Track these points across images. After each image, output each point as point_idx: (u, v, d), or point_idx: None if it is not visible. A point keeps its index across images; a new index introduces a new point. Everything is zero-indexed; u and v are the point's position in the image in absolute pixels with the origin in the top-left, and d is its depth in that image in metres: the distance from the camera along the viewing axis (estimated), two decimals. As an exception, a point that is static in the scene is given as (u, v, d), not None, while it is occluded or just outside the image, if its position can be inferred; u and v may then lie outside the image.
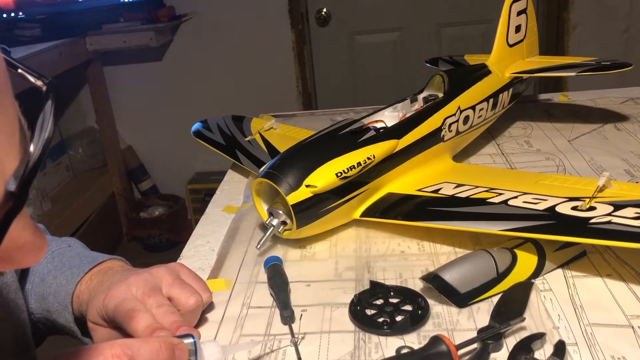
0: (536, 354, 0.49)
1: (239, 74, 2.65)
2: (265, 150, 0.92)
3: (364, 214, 0.73)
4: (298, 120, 1.19)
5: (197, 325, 0.58)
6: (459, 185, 0.72)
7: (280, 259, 0.67)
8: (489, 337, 0.50)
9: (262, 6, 2.54)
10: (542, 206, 0.63)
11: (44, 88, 0.30)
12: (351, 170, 0.69)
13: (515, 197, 0.66)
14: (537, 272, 0.60)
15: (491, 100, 0.89)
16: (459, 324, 0.55)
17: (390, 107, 0.83)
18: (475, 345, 0.50)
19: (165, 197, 2.75)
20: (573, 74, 0.96)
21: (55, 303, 0.61)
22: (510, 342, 0.51)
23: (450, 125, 0.82)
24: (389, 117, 0.82)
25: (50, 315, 0.62)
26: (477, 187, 0.71)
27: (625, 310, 0.54)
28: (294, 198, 0.66)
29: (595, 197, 0.62)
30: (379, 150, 0.72)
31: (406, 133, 0.76)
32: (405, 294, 0.59)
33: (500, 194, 0.67)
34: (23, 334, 0.61)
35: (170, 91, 2.72)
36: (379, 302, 0.58)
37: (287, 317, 0.56)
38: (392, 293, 0.59)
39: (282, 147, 0.86)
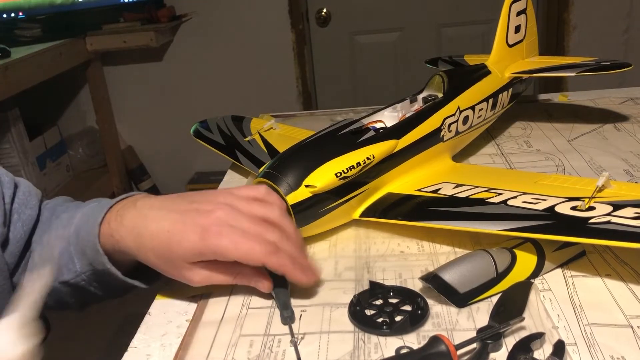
0: (535, 354, 0.49)
1: (239, 74, 2.65)
2: (265, 150, 0.92)
3: (363, 214, 0.73)
4: (298, 120, 1.19)
5: (199, 325, 0.58)
6: (458, 185, 0.72)
7: None
8: (489, 337, 0.50)
9: (262, 6, 2.55)
10: (541, 206, 0.63)
11: None
12: (351, 170, 0.69)
13: (515, 197, 0.66)
14: (537, 272, 0.60)
15: (491, 101, 0.89)
16: (458, 324, 0.55)
17: (390, 107, 0.84)
18: (474, 345, 0.50)
19: (165, 197, 2.74)
20: (573, 74, 0.96)
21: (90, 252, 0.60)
22: (509, 342, 0.51)
23: (449, 125, 0.82)
24: (388, 117, 0.82)
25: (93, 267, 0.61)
26: (476, 187, 0.71)
27: (625, 310, 0.54)
28: (293, 198, 0.66)
29: (594, 197, 0.62)
30: (378, 150, 0.72)
31: (406, 133, 0.76)
32: (405, 294, 0.59)
33: (499, 194, 0.67)
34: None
35: (170, 91, 2.72)
36: (379, 302, 0.58)
37: (287, 317, 0.57)
38: (391, 293, 0.59)
39: (281, 147, 0.86)
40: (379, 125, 0.80)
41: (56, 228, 0.64)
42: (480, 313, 0.56)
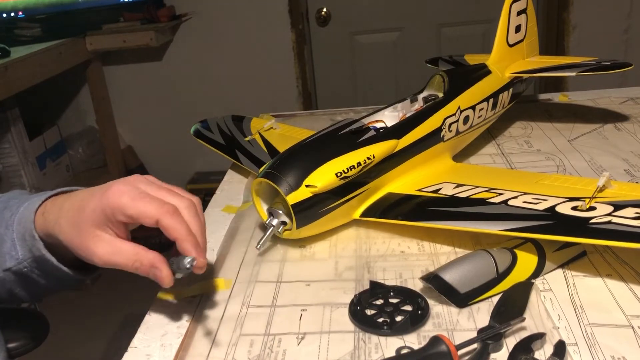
0: (536, 354, 0.49)
1: (239, 74, 2.65)
2: (265, 150, 0.92)
3: (364, 214, 0.73)
4: (298, 120, 1.19)
5: (199, 325, 0.58)
6: (459, 185, 0.72)
7: None
8: (489, 337, 0.50)
9: (262, 6, 2.54)
10: (542, 206, 0.63)
11: None
12: (351, 170, 0.69)
13: (515, 197, 0.66)
14: (537, 272, 0.60)
15: (491, 100, 0.89)
16: (459, 324, 0.55)
17: (390, 107, 0.83)
18: (475, 345, 0.50)
19: (165, 197, 2.74)
20: (573, 74, 0.96)
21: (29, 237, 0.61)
22: (510, 342, 0.51)
23: (450, 125, 0.82)
24: (389, 117, 0.82)
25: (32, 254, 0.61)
26: (477, 187, 0.71)
27: (625, 310, 0.54)
28: (293, 198, 0.66)
29: (595, 197, 0.62)
30: (378, 150, 0.72)
31: (406, 133, 0.76)
32: (405, 294, 0.59)
33: (500, 194, 0.67)
34: None
35: (170, 91, 2.72)
36: (379, 302, 0.58)
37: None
38: (392, 293, 0.59)
39: (282, 147, 0.86)
40: (379, 125, 0.79)
41: (4, 218, 0.64)
42: (481, 313, 0.56)
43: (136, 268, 0.55)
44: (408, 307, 0.57)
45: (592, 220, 0.58)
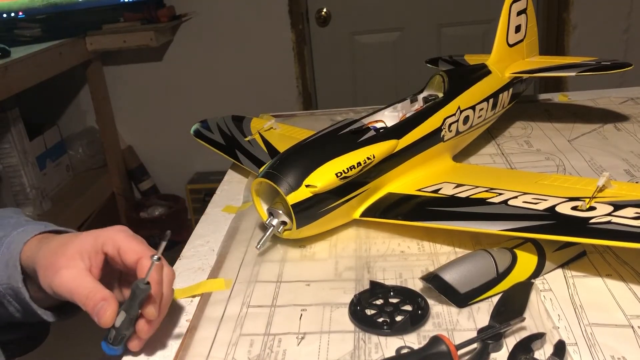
0: (536, 354, 0.49)
1: (239, 74, 2.65)
2: (265, 150, 0.92)
3: (364, 214, 0.73)
4: (298, 120, 1.19)
5: (199, 325, 0.58)
6: (459, 185, 0.72)
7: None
8: (489, 337, 0.50)
9: (262, 6, 2.54)
10: (542, 206, 0.63)
11: None
12: (351, 170, 0.69)
13: (515, 197, 0.66)
14: (537, 272, 0.60)
15: (491, 100, 0.89)
16: (459, 324, 0.55)
17: (390, 107, 0.84)
18: (475, 345, 0.50)
19: (165, 197, 2.74)
20: (573, 74, 0.96)
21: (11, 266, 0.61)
22: (510, 342, 0.51)
23: (450, 125, 0.82)
24: (389, 117, 0.82)
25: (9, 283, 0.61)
26: (477, 187, 0.71)
27: (625, 310, 0.54)
28: (293, 198, 0.66)
29: (595, 197, 0.62)
30: (378, 150, 0.72)
31: (406, 133, 0.76)
32: (405, 294, 0.59)
33: (500, 194, 0.67)
34: None
35: (170, 91, 2.72)
36: (379, 302, 0.58)
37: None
38: (392, 293, 0.59)
39: (282, 147, 0.86)
40: (379, 125, 0.80)
41: None
42: (481, 313, 0.56)
43: (87, 298, 0.53)
44: (408, 307, 0.57)
45: (592, 220, 0.58)
